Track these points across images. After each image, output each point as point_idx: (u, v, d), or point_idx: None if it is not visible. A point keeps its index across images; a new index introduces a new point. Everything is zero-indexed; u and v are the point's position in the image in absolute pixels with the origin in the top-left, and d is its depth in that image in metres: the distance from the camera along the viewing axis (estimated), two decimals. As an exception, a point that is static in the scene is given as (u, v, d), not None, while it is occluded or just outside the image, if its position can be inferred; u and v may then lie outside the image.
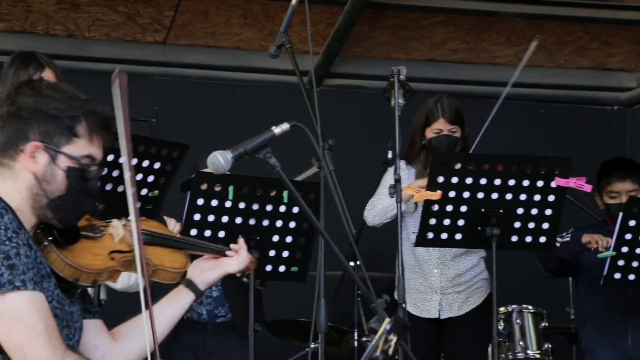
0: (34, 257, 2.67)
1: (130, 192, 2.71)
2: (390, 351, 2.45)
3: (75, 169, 2.75)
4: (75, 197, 2.75)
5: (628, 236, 4.75)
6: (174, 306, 2.96)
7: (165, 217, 4.32)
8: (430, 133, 5.13)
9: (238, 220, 4.51)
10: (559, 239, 5.08)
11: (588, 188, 4.84)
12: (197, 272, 3.01)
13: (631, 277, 4.80)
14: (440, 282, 5.10)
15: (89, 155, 2.77)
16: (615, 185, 5.17)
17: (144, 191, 4.25)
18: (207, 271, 3.02)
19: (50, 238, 2.74)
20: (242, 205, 4.51)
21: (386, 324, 2.47)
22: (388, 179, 5.19)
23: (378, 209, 5.11)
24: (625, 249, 4.77)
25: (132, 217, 2.73)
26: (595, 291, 5.11)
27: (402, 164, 5.13)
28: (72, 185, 2.75)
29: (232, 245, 3.06)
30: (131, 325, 2.93)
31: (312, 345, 4.71)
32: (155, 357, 2.70)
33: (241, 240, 3.07)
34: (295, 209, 4.55)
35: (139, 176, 4.24)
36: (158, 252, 2.91)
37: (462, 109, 5.17)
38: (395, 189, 4.74)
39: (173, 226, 4.28)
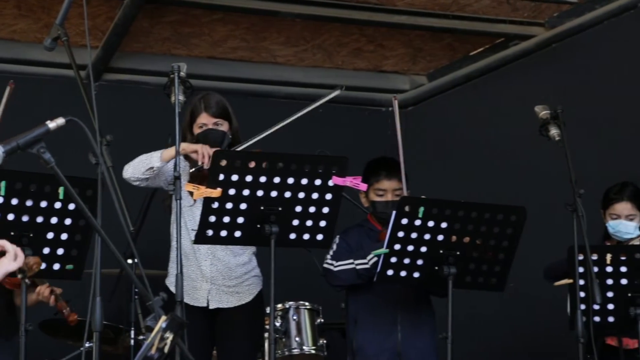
0: None
1: None
2: (166, 349, 2.43)
3: None
4: None
5: (400, 234, 4.90)
6: None
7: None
8: (196, 129, 5.14)
9: (10, 216, 4.41)
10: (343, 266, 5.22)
11: (363, 187, 4.99)
12: None
13: (403, 273, 4.96)
14: (210, 273, 5.11)
15: None
16: (383, 183, 5.32)
17: None
18: None
19: None
20: (14, 201, 4.41)
21: (162, 322, 2.46)
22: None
23: (136, 160, 5.05)
24: (397, 247, 4.92)
25: None
26: (366, 290, 5.24)
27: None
28: None
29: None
30: None
31: (87, 345, 4.62)
32: None
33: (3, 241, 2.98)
34: (72, 206, 4.46)
35: None
36: None
37: (227, 104, 5.19)
38: (175, 186, 4.72)
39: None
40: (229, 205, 4.72)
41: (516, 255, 5.01)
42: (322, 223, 4.82)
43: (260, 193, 4.72)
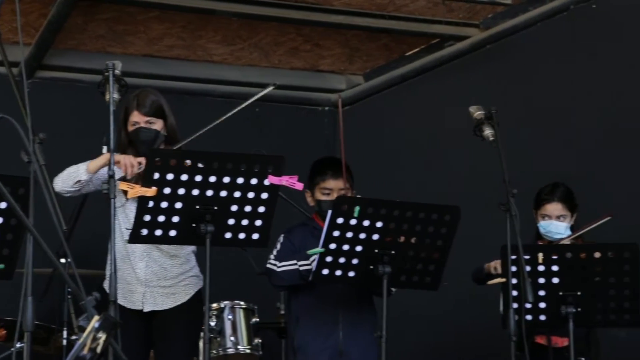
0: None
1: None
2: (99, 349, 2.41)
3: None
4: None
5: (336, 233, 4.90)
6: None
7: None
8: (129, 126, 5.12)
9: (-60, 215, 4.31)
10: (281, 266, 5.21)
11: (299, 186, 4.98)
12: None
13: (338, 272, 4.97)
14: (145, 275, 5.08)
15: None
16: (329, 183, 5.34)
17: None
18: None
19: None
20: (-56, 200, 4.31)
21: (95, 322, 2.44)
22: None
23: (64, 173, 5.01)
24: (333, 246, 4.92)
25: None
26: (308, 290, 5.25)
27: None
28: None
29: None
30: None
31: (18, 345, 4.58)
32: None
33: None
34: (3, 204, 4.39)
35: None
36: None
37: (162, 102, 5.16)
38: (109, 185, 4.68)
39: None
40: (164, 204, 4.69)
41: (450, 254, 5.05)
42: (258, 222, 4.82)
43: (195, 192, 4.70)
